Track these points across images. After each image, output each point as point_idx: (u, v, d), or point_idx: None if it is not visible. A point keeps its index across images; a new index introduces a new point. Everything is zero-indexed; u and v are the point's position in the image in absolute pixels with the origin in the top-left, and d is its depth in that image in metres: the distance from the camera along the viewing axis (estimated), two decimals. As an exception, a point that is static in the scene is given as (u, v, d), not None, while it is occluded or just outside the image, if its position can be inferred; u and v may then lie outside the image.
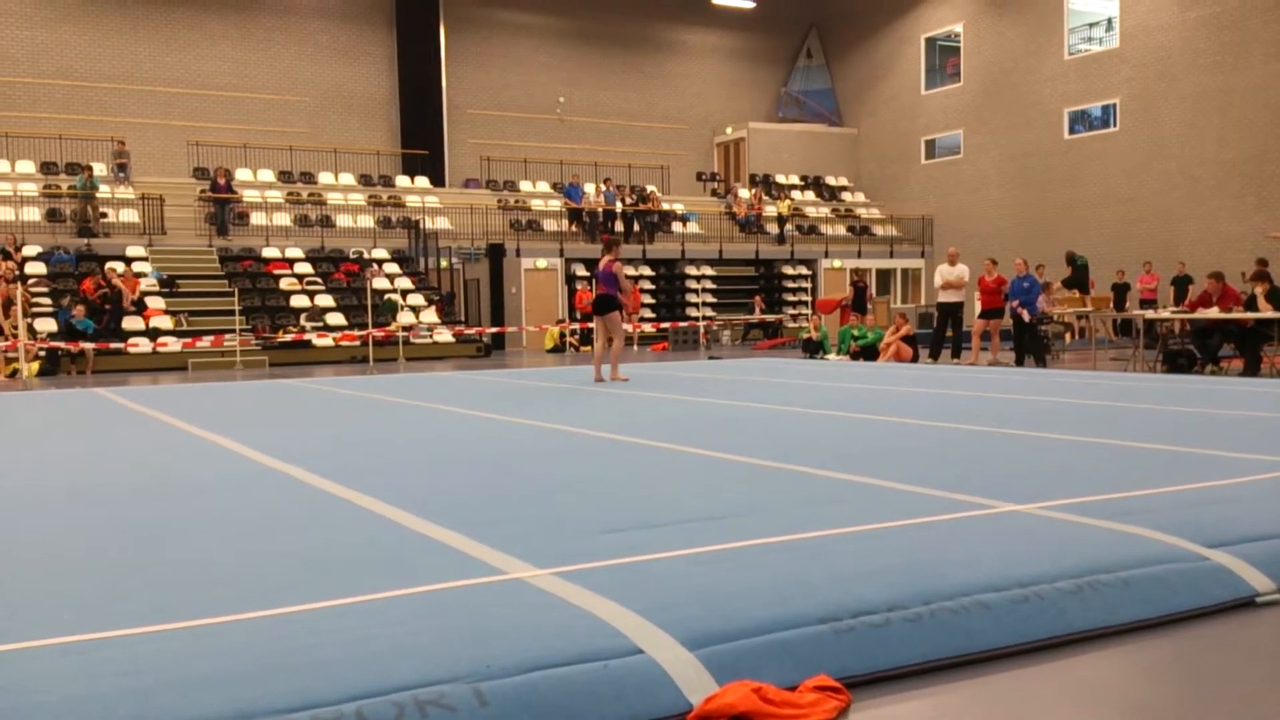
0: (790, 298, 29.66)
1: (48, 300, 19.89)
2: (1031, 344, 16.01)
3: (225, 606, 3.07)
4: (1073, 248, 25.90)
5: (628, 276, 12.08)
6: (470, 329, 22.96)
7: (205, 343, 19.07)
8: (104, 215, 23.15)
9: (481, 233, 26.17)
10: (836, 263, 30.05)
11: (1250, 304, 13.80)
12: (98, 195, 22.96)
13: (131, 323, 19.94)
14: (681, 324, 25.34)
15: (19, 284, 18.12)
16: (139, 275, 21.32)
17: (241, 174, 26.19)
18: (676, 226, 29.35)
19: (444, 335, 22.12)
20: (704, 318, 26.08)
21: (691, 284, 28.32)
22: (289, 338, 20.28)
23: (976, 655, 2.87)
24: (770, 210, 30.83)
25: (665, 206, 29.55)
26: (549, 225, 27.88)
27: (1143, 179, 26.07)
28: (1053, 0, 27.90)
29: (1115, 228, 26.61)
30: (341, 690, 2.38)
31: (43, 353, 17.99)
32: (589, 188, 28.50)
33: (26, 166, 24.36)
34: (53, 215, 22.98)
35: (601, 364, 13.01)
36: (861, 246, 31.15)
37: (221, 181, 24.08)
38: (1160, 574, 3.36)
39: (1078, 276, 23.32)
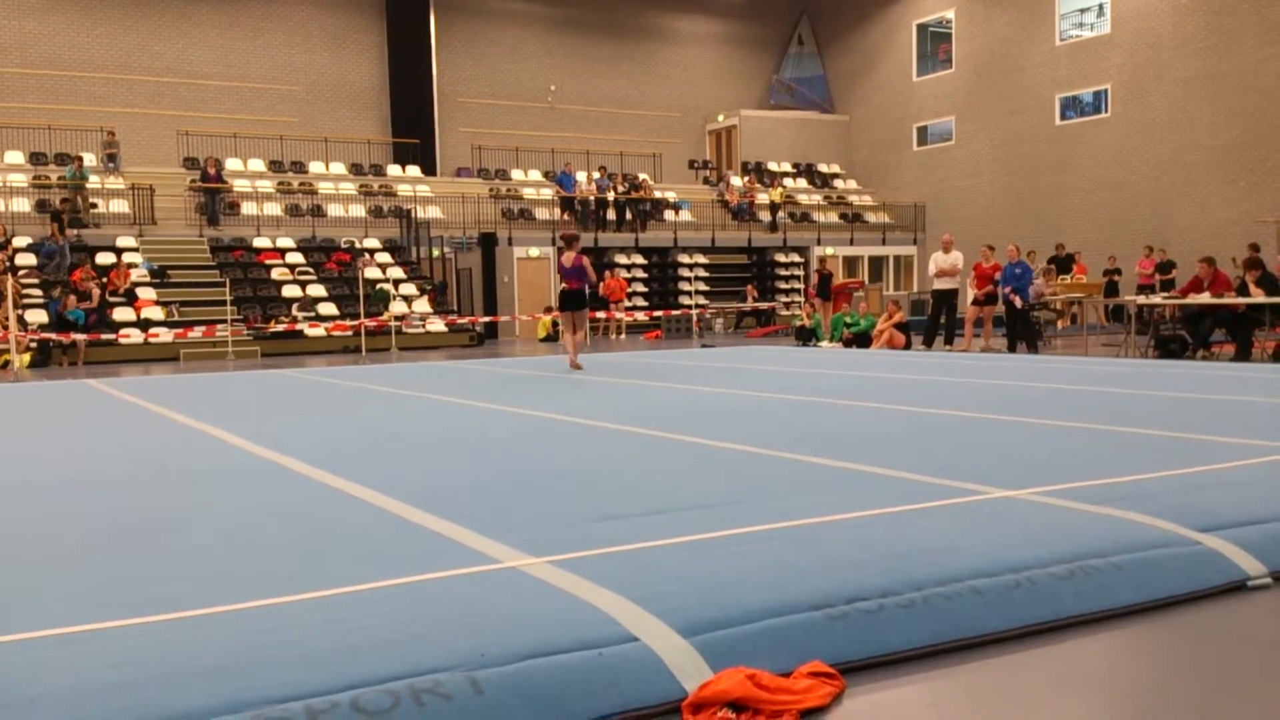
0: (783, 285, 29.65)
1: (38, 291, 19.82)
2: (1024, 330, 16.04)
3: (218, 598, 3.07)
4: (1063, 234, 26.04)
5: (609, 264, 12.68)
6: (463, 318, 22.93)
7: (197, 333, 19.02)
8: (94, 206, 23.05)
9: (473, 221, 26.12)
10: (829, 250, 30.04)
11: (1241, 289, 13.83)
12: (87, 185, 22.86)
13: (123, 313, 19.88)
14: (674, 312, 25.34)
15: (9, 275, 18.04)
16: (130, 266, 21.26)
17: (231, 163, 26.10)
18: (669, 215, 29.32)
19: (436, 325, 22.09)
20: (697, 306, 26.08)
21: (684, 272, 28.30)
22: (281, 328, 20.24)
23: (969, 640, 2.88)
24: (762, 198, 30.79)
25: (657, 194, 29.50)
26: (541, 214, 27.83)
27: (1134, 165, 26.09)
28: (1044, -14, 27.90)
29: (1107, 214, 26.65)
30: (336, 680, 2.38)
31: (34, 344, 17.94)
32: (581, 176, 28.44)
33: (15, 157, 24.24)
34: (42, 206, 22.87)
35: (577, 352, 13.25)
36: (854, 234, 31.14)
37: (212, 171, 23.99)
38: (1152, 558, 3.38)
39: (1062, 264, 23.64)
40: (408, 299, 22.79)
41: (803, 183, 33.36)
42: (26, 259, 20.85)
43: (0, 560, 3.72)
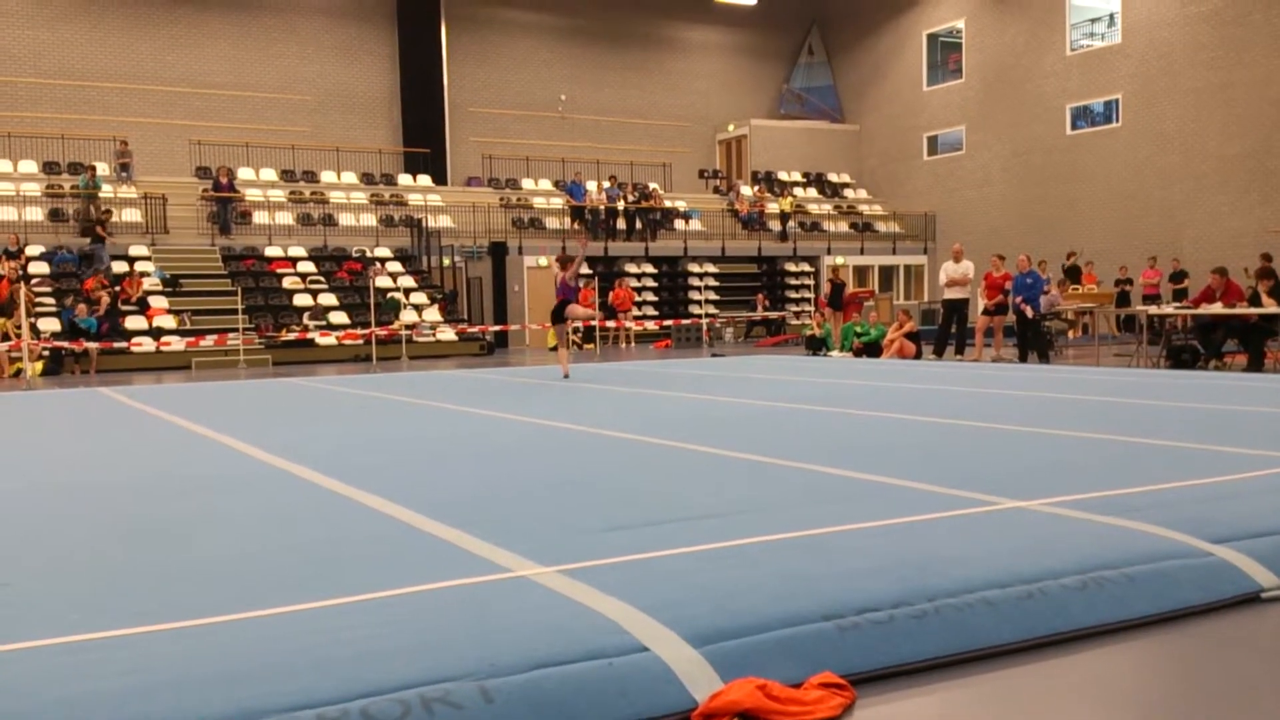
0: (793, 295, 29.64)
1: (51, 300, 19.91)
2: (1035, 340, 16.00)
3: (229, 605, 3.08)
4: (1074, 244, 25.97)
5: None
6: (473, 327, 22.96)
7: (209, 342, 19.08)
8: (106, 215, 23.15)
9: (484, 231, 26.17)
10: (839, 259, 30.02)
11: (1254, 299, 13.77)
12: (100, 195, 22.97)
13: (135, 322, 19.96)
14: (684, 321, 25.33)
15: (22, 283, 18.13)
16: (142, 274, 21.35)
17: (244, 173, 26.20)
18: (679, 224, 29.33)
19: (447, 334, 22.12)
20: (707, 315, 26.07)
21: (694, 281, 28.31)
22: (292, 336, 20.29)
23: (981, 652, 2.87)
24: (772, 207, 30.80)
25: (667, 204, 29.53)
26: (551, 223, 27.88)
27: (1145, 175, 26.03)
28: (1055, -4, 27.90)
29: (1118, 224, 26.58)
30: (347, 689, 2.38)
31: (46, 352, 18.02)
32: (591, 185, 28.49)
33: (29, 166, 24.37)
34: (55, 215, 22.99)
35: (568, 362, 14.01)
36: (864, 243, 31.12)
37: (224, 180, 24.08)
38: (1165, 570, 3.36)
39: (1071, 273, 23.62)
40: (418, 308, 22.84)
41: (813, 192, 33.35)
42: (39, 267, 20.97)
43: (12, 566, 3.73)
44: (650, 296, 27.72)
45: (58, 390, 13.84)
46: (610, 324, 24.61)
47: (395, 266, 24.37)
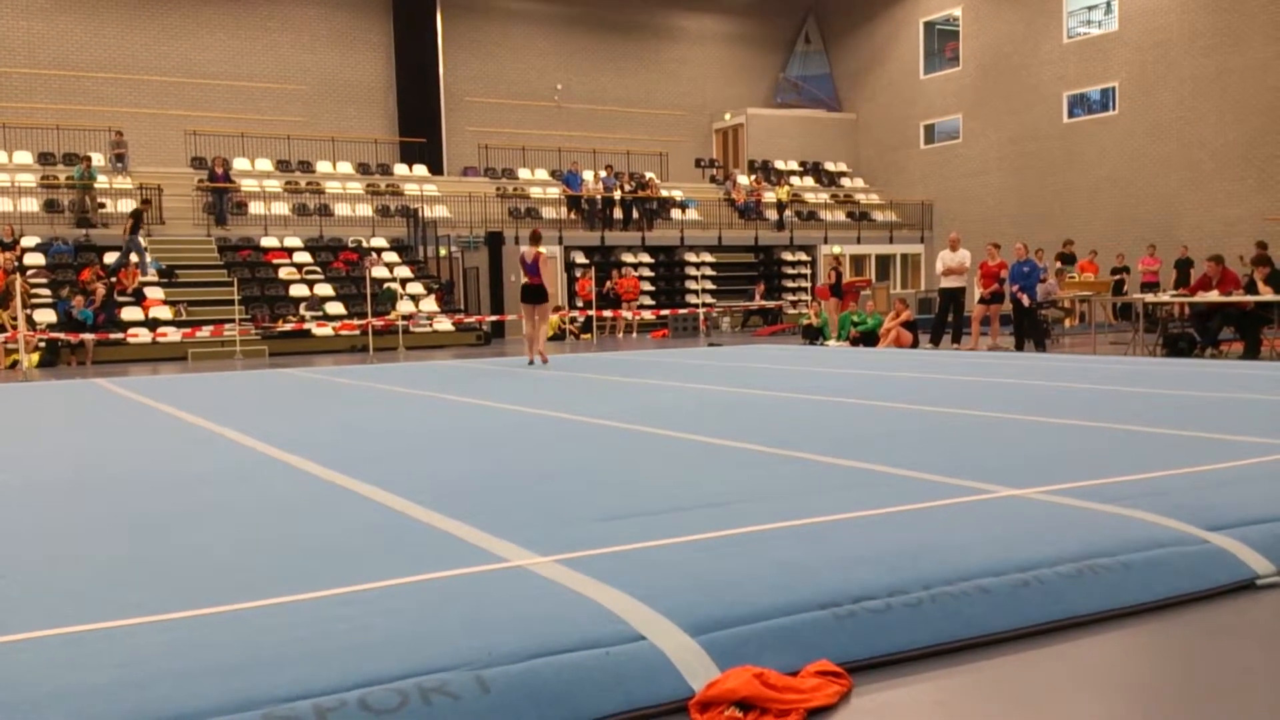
0: (790, 284, 29.62)
1: (46, 291, 19.87)
2: (1031, 329, 16.00)
3: (225, 597, 3.08)
4: (1071, 232, 25.95)
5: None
6: (470, 317, 22.94)
7: (205, 332, 19.05)
8: (102, 205, 23.11)
9: (480, 220, 26.13)
10: (836, 248, 29.98)
11: (1250, 287, 13.79)
12: (96, 185, 22.91)
13: (131, 313, 19.93)
14: (681, 311, 25.32)
15: (18, 275, 18.09)
16: (138, 265, 21.30)
17: (239, 163, 26.14)
18: (675, 213, 29.30)
19: (443, 324, 22.11)
20: (704, 304, 26.05)
21: (691, 271, 28.29)
22: (288, 327, 20.27)
23: (977, 639, 2.88)
24: (769, 196, 30.76)
25: (664, 193, 29.49)
26: (548, 213, 27.83)
27: (1142, 162, 26.01)
28: (1052, -17, 27.83)
29: (1115, 211, 26.57)
30: (344, 679, 2.39)
31: (42, 343, 17.99)
32: (587, 175, 28.44)
33: (24, 157, 24.30)
34: (51, 206, 22.94)
35: (534, 347, 14.34)
36: (861, 232, 31.10)
37: (219, 171, 24.02)
38: (1160, 557, 3.37)
39: (1065, 259, 23.60)
40: (415, 298, 22.82)
41: (809, 181, 33.31)
42: (35, 258, 20.92)
43: (9, 560, 3.73)
44: (647, 286, 27.70)
45: (53, 381, 13.82)
46: (607, 313, 24.58)
47: (391, 256, 24.33)
